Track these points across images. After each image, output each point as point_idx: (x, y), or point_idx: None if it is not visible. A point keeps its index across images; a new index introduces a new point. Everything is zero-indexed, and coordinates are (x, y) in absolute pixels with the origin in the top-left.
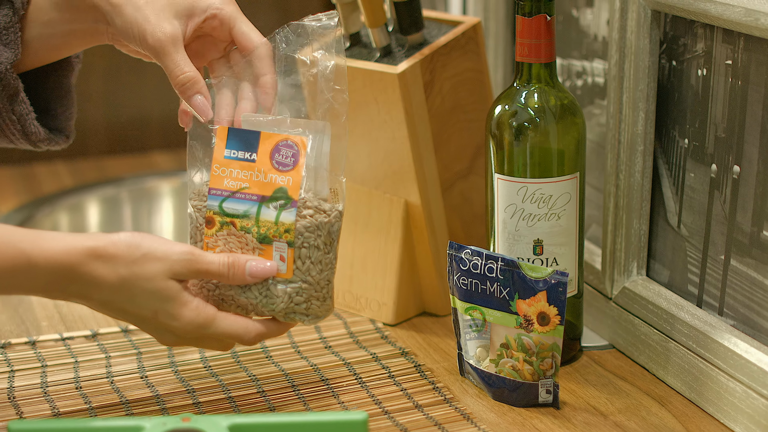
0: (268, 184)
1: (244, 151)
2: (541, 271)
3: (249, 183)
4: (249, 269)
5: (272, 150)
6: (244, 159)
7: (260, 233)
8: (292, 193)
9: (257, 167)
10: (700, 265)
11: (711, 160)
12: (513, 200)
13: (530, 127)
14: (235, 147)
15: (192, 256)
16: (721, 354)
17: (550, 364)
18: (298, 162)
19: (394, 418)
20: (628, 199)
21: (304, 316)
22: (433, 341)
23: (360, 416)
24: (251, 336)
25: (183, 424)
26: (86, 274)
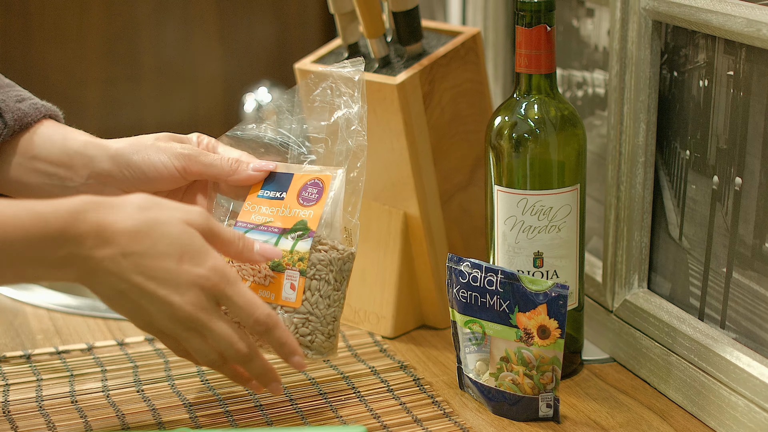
0: (290, 218)
1: (276, 191)
2: (541, 284)
3: (274, 218)
4: (258, 246)
5: (300, 188)
6: (274, 198)
7: (273, 261)
8: (311, 225)
9: (284, 204)
10: (701, 277)
11: (713, 172)
12: (513, 212)
13: (530, 139)
14: (269, 188)
15: (207, 214)
16: (723, 367)
17: (551, 378)
18: (321, 197)
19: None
20: (629, 211)
21: (308, 350)
22: (432, 354)
23: (358, 430)
24: (266, 310)
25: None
26: (98, 221)
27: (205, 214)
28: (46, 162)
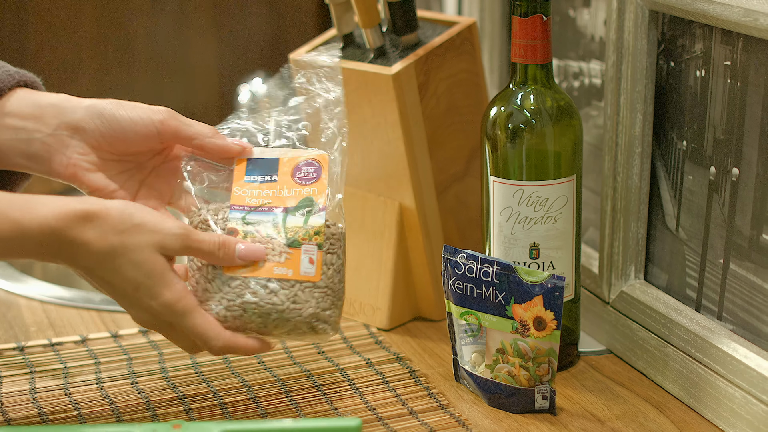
0: (292, 197)
1: (264, 175)
2: (537, 275)
3: (272, 199)
4: (239, 251)
5: (293, 169)
6: (264, 181)
7: (288, 237)
8: (319, 200)
9: (279, 185)
10: (698, 268)
11: (710, 163)
12: (509, 203)
13: (526, 129)
14: (255, 173)
15: (185, 231)
16: (720, 359)
17: (547, 370)
18: (321, 175)
19: (389, 425)
20: (626, 202)
21: (326, 325)
22: (428, 346)
23: (354, 423)
24: (220, 344)
25: (174, 431)
26: (75, 239)
27: (183, 236)
28: (16, 117)
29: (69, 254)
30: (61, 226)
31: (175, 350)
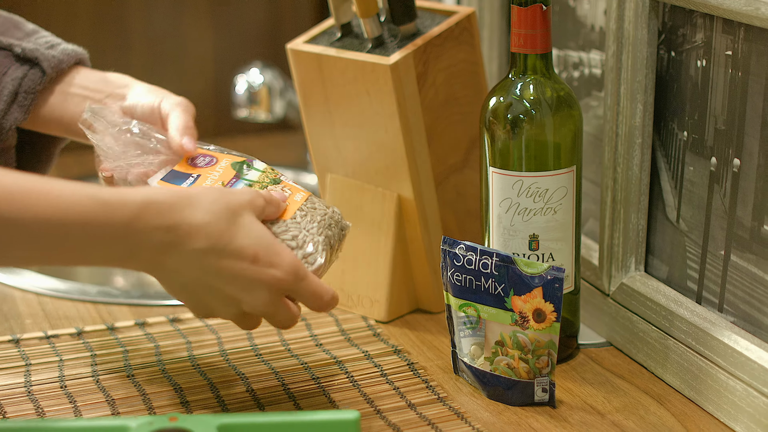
0: (226, 168)
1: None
2: (536, 267)
3: (216, 174)
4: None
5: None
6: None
7: (268, 180)
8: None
9: (218, 164)
10: (699, 260)
11: (711, 153)
12: (508, 194)
13: (526, 120)
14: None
15: (257, 191)
16: (720, 351)
17: (546, 362)
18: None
19: (387, 417)
20: (626, 193)
21: (346, 222)
22: (426, 339)
23: (352, 415)
24: (328, 296)
25: (170, 424)
26: (170, 217)
27: (258, 194)
28: (84, 88)
29: (162, 237)
30: (153, 200)
31: (172, 342)
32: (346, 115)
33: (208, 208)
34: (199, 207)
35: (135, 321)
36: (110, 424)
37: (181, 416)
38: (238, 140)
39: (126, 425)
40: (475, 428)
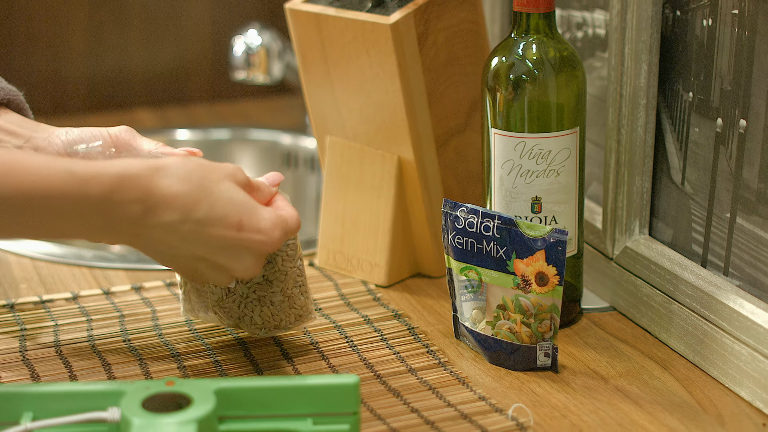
0: None
1: None
2: (539, 230)
3: None
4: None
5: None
6: None
7: None
8: None
9: None
10: (704, 223)
11: (716, 114)
12: (510, 156)
13: (528, 80)
14: None
15: (241, 168)
16: (726, 315)
17: (549, 327)
18: None
19: (387, 382)
20: (630, 155)
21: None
22: (427, 303)
23: (351, 380)
24: (295, 220)
25: (167, 388)
26: (147, 187)
27: (240, 169)
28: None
29: (141, 207)
30: (129, 173)
31: (168, 307)
32: (345, 77)
33: (184, 176)
34: (175, 177)
35: (131, 285)
36: (106, 389)
37: (178, 380)
38: (236, 104)
39: (122, 389)
40: (477, 393)
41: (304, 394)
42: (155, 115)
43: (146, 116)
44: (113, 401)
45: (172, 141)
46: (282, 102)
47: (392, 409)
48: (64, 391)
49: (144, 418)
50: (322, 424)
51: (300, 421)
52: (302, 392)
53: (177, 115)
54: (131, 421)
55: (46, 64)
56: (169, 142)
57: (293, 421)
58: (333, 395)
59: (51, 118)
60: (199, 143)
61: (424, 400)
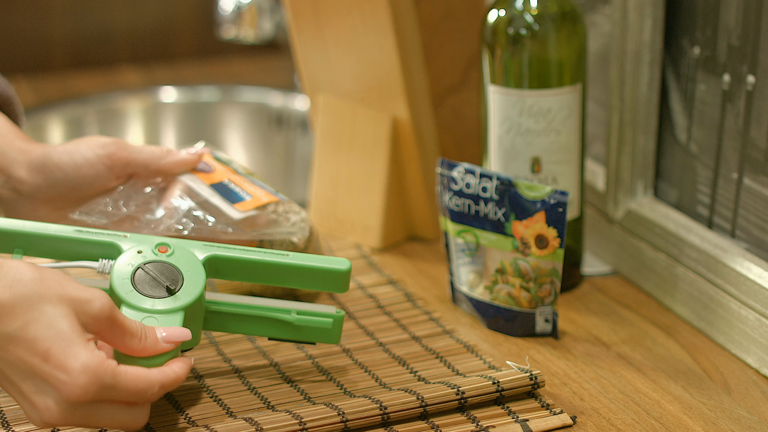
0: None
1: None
2: (539, 191)
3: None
4: (162, 333)
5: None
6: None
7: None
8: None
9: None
10: (711, 184)
11: (723, 71)
12: (509, 114)
13: (528, 35)
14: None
15: (111, 302)
16: (732, 279)
17: (549, 291)
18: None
19: (391, 350)
20: (634, 113)
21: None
22: (423, 268)
23: (344, 265)
24: (155, 390)
25: (158, 257)
26: None
27: (109, 303)
28: None
29: None
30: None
31: None
32: (338, 32)
33: (9, 283)
34: (6, 281)
35: None
36: (100, 239)
37: (171, 244)
38: (225, 62)
39: (115, 243)
40: (486, 362)
41: (296, 273)
42: (140, 74)
43: (131, 74)
44: (105, 253)
45: (158, 101)
46: (272, 62)
47: (399, 377)
48: (57, 235)
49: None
50: (306, 315)
51: (284, 312)
52: (294, 271)
53: (163, 73)
54: (121, 309)
55: (26, 21)
56: (154, 102)
57: (278, 311)
58: (324, 278)
59: (30, 77)
60: (186, 105)
61: (432, 368)
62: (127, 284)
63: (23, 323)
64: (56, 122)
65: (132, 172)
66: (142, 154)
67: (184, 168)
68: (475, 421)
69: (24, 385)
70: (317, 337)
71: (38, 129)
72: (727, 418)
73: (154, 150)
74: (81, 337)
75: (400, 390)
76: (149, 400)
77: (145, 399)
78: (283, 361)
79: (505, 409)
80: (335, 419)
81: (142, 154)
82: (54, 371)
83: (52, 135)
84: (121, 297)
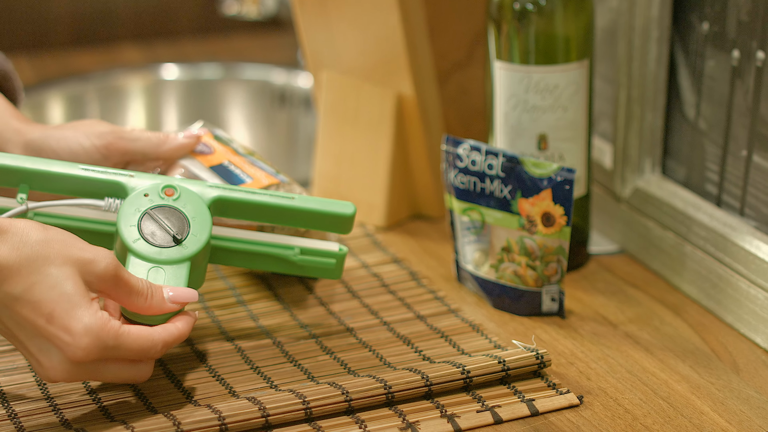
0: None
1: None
2: (545, 168)
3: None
4: (170, 293)
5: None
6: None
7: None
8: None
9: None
10: (719, 161)
11: (732, 46)
12: (515, 91)
13: (534, 11)
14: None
15: (116, 260)
16: (741, 258)
17: (555, 270)
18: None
19: (395, 330)
20: (642, 90)
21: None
22: (428, 246)
23: (349, 209)
24: (158, 348)
25: (165, 200)
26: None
27: (114, 261)
28: None
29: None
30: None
31: None
32: (342, 8)
33: (17, 246)
34: (8, 244)
35: None
36: (106, 179)
37: (177, 187)
38: (227, 39)
39: (121, 182)
40: (492, 341)
41: (301, 216)
42: (142, 51)
43: (132, 52)
44: (110, 192)
45: (159, 79)
46: (275, 39)
47: (403, 356)
48: (63, 173)
49: (139, 250)
50: (309, 255)
51: (287, 249)
52: (300, 214)
53: (165, 50)
54: (128, 258)
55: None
56: (155, 79)
57: (281, 248)
58: (329, 222)
59: (31, 54)
60: (188, 82)
61: (437, 347)
62: (134, 232)
63: (28, 285)
64: (56, 100)
65: (130, 160)
66: (139, 143)
67: (183, 152)
68: (481, 401)
69: (30, 344)
70: (319, 274)
71: (38, 106)
72: (735, 398)
73: (151, 138)
74: (84, 299)
75: (404, 369)
76: (153, 358)
77: (149, 357)
78: (287, 341)
79: (511, 389)
80: (339, 398)
81: (139, 143)
82: (58, 332)
83: (52, 113)
84: (129, 245)
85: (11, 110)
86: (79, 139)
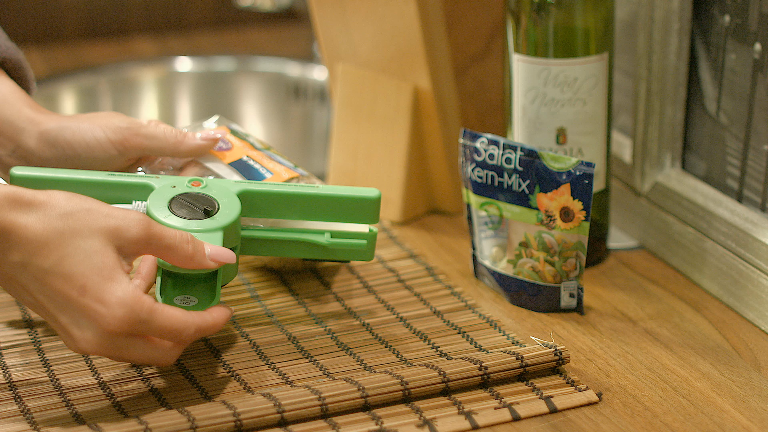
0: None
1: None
2: (564, 162)
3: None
4: (210, 249)
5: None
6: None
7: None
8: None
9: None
10: (740, 156)
11: (754, 39)
12: (534, 84)
13: (553, 3)
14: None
15: (148, 219)
16: (763, 254)
17: (574, 265)
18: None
19: (411, 325)
20: (662, 83)
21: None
22: (444, 241)
23: (373, 193)
24: (191, 331)
25: (192, 189)
26: (10, 222)
27: (144, 221)
28: None
29: (3, 244)
30: (2, 206)
31: None
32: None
33: (49, 219)
34: (40, 216)
35: None
36: (134, 182)
37: (204, 180)
38: (241, 32)
39: (149, 184)
40: (510, 337)
41: (326, 203)
42: (154, 43)
43: (145, 44)
44: (139, 195)
45: (173, 71)
46: (290, 31)
47: (420, 353)
48: (90, 179)
49: (171, 224)
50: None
51: (318, 234)
52: (325, 201)
53: (178, 43)
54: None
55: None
56: (169, 72)
57: (312, 234)
58: (355, 206)
59: (42, 47)
60: (201, 75)
61: (454, 343)
62: (164, 210)
63: (58, 258)
64: (68, 92)
65: (145, 154)
66: (156, 142)
67: (200, 153)
68: (499, 398)
69: (61, 316)
70: (351, 257)
71: (50, 99)
72: (756, 395)
73: (168, 137)
74: (115, 271)
75: (421, 365)
76: (184, 341)
77: (180, 339)
78: (302, 336)
79: (529, 386)
80: (355, 395)
81: (156, 142)
82: (92, 303)
83: (65, 105)
84: (160, 221)
85: (25, 98)
86: (94, 132)
